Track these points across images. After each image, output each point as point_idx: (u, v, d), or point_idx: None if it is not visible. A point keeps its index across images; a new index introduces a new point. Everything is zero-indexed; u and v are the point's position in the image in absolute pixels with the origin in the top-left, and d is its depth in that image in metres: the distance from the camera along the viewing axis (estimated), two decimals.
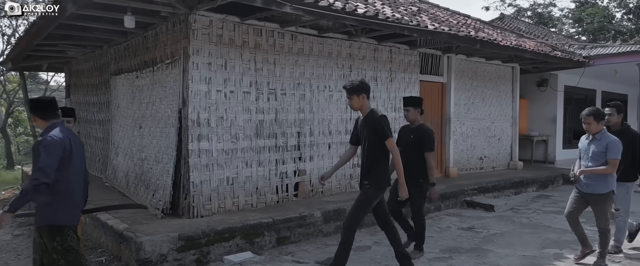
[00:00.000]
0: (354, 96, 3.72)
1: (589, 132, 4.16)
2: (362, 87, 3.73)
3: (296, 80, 6.02)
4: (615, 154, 4.00)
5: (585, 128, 4.16)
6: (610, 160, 4.02)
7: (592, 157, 4.12)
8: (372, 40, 6.89)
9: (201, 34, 5.08)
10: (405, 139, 4.61)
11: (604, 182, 4.07)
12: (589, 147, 4.16)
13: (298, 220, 5.13)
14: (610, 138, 4.07)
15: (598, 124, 4.11)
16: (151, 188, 5.56)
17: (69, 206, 3.06)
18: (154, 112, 5.70)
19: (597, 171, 4.05)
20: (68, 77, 9.96)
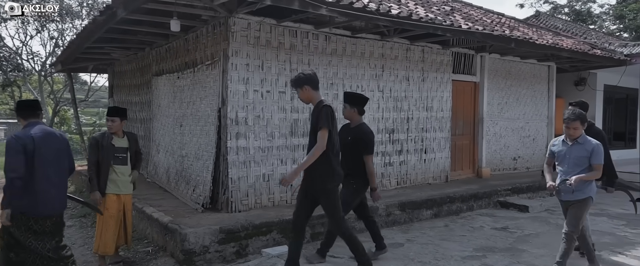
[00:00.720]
0: (298, 89, 3.56)
1: (573, 137, 3.94)
2: (303, 79, 3.53)
3: (329, 80, 6.15)
4: (600, 159, 3.85)
5: (570, 133, 3.93)
6: (595, 166, 3.85)
7: (574, 162, 3.91)
8: (405, 40, 6.94)
9: (240, 36, 5.30)
10: (343, 140, 4.10)
11: (585, 188, 3.89)
12: (571, 152, 3.94)
13: None
14: (594, 142, 3.91)
15: (583, 127, 3.96)
16: (191, 184, 5.84)
17: (24, 197, 3.19)
18: (194, 111, 5.97)
19: (589, 178, 3.83)
20: (111, 77, 10.48)
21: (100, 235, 4.19)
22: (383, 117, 6.79)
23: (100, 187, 4.17)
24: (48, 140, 3.37)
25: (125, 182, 4.28)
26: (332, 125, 3.44)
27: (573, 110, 3.98)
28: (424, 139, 7.35)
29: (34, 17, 13.71)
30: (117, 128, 4.24)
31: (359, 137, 4.09)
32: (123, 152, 4.27)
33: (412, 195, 6.43)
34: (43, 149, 3.31)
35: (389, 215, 5.81)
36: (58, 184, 3.44)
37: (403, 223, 5.93)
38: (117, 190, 4.25)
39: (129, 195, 4.36)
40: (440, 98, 7.56)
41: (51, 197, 3.36)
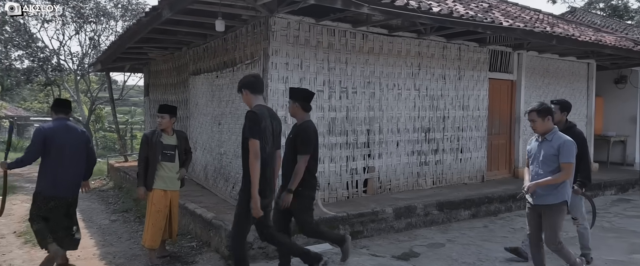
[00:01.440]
0: (239, 93, 3.44)
1: (536, 132, 3.60)
2: (242, 83, 3.38)
3: (366, 79, 6.14)
4: (569, 157, 3.43)
5: (532, 127, 3.62)
6: (564, 165, 3.42)
7: (543, 161, 3.52)
8: (441, 38, 6.85)
9: (280, 36, 5.35)
10: (287, 139, 3.83)
11: (555, 191, 3.48)
12: (539, 149, 3.58)
13: (370, 215, 5.26)
14: (563, 138, 3.48)
15: (544, 121, 3.52)
16: (230, 181, 5.94)
17: (45, 179, 4.00)
18: (233, 110, 6.07)
19: (550, 182, 3.45)
20: (147, 77, 10.77)
21: (148, 228, 4.32)
22: (419, 115, 6.73)
23: (146, 183, 4.30)
24: (66, 134, 4.07)
25: (172, 179, 4.39)
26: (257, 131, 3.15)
27: (538, 102, 3.68)
28: (460, 138, 7.25)
29: (72, 19, 14.22)
30: (166, 125, 4.36)
31: (297, 134, 3.68)
32: (171, 150, 4.39)
33: (449, 194, 6.36)
34: (60, 141, 4.01)
35: (427, 215, 5.76)
36: (70, 172, 4.10)
37: (441, 223, 5.87)
38: (164, 186, 4.36)
39: (176, 191, 4.47)
40: (477, 97, 7.44)
41: (62, 182, 4.05)
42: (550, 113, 3.55)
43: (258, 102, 3.36)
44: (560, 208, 3.52)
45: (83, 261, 4.49)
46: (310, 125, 3.77)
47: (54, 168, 4.00)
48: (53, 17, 13.86)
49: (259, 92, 3.40)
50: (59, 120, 4.14)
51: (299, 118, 3.80)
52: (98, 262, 4.49)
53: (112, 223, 6.10)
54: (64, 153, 4.02)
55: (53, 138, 3.99)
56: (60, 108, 4.21)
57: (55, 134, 4.01)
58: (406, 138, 6.61)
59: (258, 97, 3.38)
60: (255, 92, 3.38)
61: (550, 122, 3.54)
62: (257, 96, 3.37)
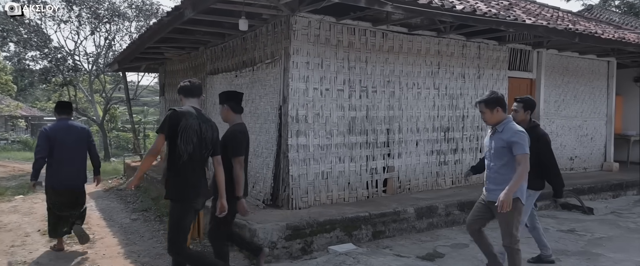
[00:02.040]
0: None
1: (487, 123, 3.45)
2: (178, 88, 3.39)
3: (386, 78, 6.10)
4: (522, 148, 3.19)
5: (483, 120, 3.49)
6: (519, 157, 3.18)
7: (494, 154, 3.35)
8: (461, 37, 6.78)
9: (301, 35, 5.34)
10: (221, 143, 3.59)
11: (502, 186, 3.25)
12: (490, 141, 3.41)
13: (392, 215, 5.22)
14: (513, 128, 3.27)
15: (493, 113, 3.33)
16: (250, 180, 5.94)
17: (52, 174, 4.58)
18: (253, 109, 6.07)
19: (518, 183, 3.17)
20: (162, 77, 10.84)
21: None
22: (438, 115, 6.67)
23: None
24: (67, 133, 4.63)
25: None
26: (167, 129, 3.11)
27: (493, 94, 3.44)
28: (479, 137, 7.17)
29: (88, 20, 14.36)
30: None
31: (225, 140, 3.56)
32: None
33: (469, 194, 6.28)
34: (61, 140, 4.57)
35: (448, 215, 5.70)
36: (75, 166, 4.68)
37: (462, 223, 5.79)
38: None
39: None
40: None
41: (68, 175, 4.63)
42: (499, 104, 3.36)
43: (189, 104, 3.32)
44: (515, 205, 3.26)
45: (108, 260, 4.53)
46: (238, 128, 3.67)
47: (59, 164, 4.59)
48: (69, 18, 14.01)
49: (193, 96, 3.35)
50: (61, 121, 4.75)
51: (231, 121, 3.73)
52: (123, 260, 4.52)
53: (133, 222, 6.14)
54: (66, 150, 4.61)
55: (55, 137, 4.58)
56: (62, 110, 4.81)
57: (56, 134, 4.60)
58: (425, 137, 6.55)
59: (190, 100, 3.34)
60: (187, 96, 3.34)
61: (500, 112, 3.35)
62: (190, 99, 3.34)
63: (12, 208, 7.14)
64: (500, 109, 3.37)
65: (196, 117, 3.22)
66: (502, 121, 3.37)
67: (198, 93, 3.38)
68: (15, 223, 6.09)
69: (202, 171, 3.29)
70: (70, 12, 13.86)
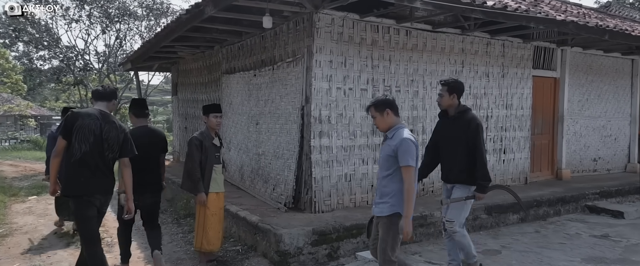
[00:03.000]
0: None
1: (379, 129, 3.13)
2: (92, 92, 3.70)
3: (410, 77, 5.91)
4: (408, 159, 2.85)
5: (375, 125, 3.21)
6: (403, 169, 2.85)
7: (381, 163, 3.02)
8: (485, 35, 6.57)
9: (324, 32, 5.17)
10: None
11: (389, 200, 2.93)
12: (381, 150, 3.12)
13: (419, 220, 5.04)
14: (402, 135, 2.91)
15: (383, 116, 3.00)
16: (270, 183, 5.78)
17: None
18: (273, 109, 5.91)
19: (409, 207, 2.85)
20: (175, 76, 10.71)
21: (203, 232, 4.17)
22: None
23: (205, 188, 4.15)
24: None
25: (221, 180, 4.26)
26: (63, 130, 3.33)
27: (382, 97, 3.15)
28: (503, 139, 6.96)
29: (99, 19, 14.29)
30: (220, 125, 4.23)
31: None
32: (218, 151, 4.27)
33: (495, 197, 6.08)
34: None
35: (475, 219, 5.51)
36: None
37: (490, 228, 5.62)
38: (217, 189, 4.24)
39: (224, 192, 4.34)
40: (520, 95, 7.13)
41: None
42: (389, 107, 3.02)
43: (97, 108, 3.49)
44: (391, 220, 2.94)
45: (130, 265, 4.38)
46: (135, 130, 4.02)
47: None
48: (80, 17, 13.95)
49: (102, 99, 3.52)
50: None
51: (141, 124, 4.13)
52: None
53: None
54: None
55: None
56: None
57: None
58: None
59: (98, 103, 3.52)
60: (97, 99, 3.54)
61: (391, 116, 3.02)
62: (98, 102, 3.52)
63: (27, 209, 7.05)
64: (390, 112, 3.03)
65: (97, 118, 3.35)
66: (393, 126, 3.03)
67: (108, 97, 3.53)
68: (30, 225, 5.98)
69: (101, 169, 3.36)
70: (81, 10, 13.79)
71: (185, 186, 4.26)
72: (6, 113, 23.37)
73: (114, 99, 3.59)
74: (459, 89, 3.70)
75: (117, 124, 3.47)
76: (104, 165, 3.37)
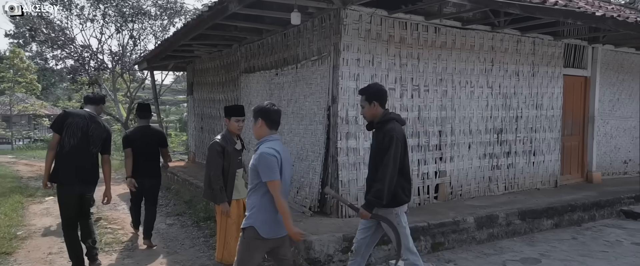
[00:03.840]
0: None
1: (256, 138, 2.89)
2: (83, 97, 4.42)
3: (438, 76, 5.68)
4: (269, 174, 2.65)
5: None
6: (268, 184, 2.67)
7: (250, 177, 2.81)
8: (516, 32, 6.31)
9: (351, 29, 4.96)
10: None
11: (247, 213, 2.79)
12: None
13: (452, 225, 4.81)
14: (259, 151, 2.73)
15: (257, 126, 2.82)
16: (294, 186, 5.59)
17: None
18: (296, 110, 5.72)
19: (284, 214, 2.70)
20: (190, 75, 10.58)
21: (223, 242, 3.97)
22: (491, 115, 6.22)
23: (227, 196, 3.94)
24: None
25: (242, 185, 4.05)
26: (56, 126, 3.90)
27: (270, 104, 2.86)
28: (532, 140, 6.69)
29: (114, 18, 14.25)
30: (240, 128, 4.03)
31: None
32: (239, 155, 4.06)
33: (527, 202, 5.84)
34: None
35: (508, 225, 5.26)
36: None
37: (523, 234, 5.36)
38: (237, 195, 4.02)
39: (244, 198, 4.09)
40: (551, 95, 6.85)
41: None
42: (260, 116, 2.82)
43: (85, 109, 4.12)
44: (244, 234, 2.77)
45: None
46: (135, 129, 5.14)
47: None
48: (95, 16, 13.90)
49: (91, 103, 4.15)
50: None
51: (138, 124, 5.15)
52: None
53: (169, 228, 5.85)
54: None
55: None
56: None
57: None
58: (478, 140, 6.11)
59: (88, 105, 4.15)
60: (87, 103, 4.19)
61: (263, 128, 2.82)
62: (88, 105, 4.15)
63: (44, 211, 6.95)
64: (262, 123, 2.81)
65: (85, 118, 3.95)
66: (263, 137, 2.82)
67: (97, 102, 4.19)
68: (49, 228, 5.86)
69: (85, 162, 3.92)
70: (96, 10, 13.75)
71: (207, 195, 4.07)
72: (21, 112, 23.54)
73: (102, 103, 4.26)
74: (378, 95, 3.21)
75: (102, 124, 4.06)
76: (89, 158, 3.95)
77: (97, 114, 4.12)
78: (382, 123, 3.16)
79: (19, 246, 4.99)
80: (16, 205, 7.17)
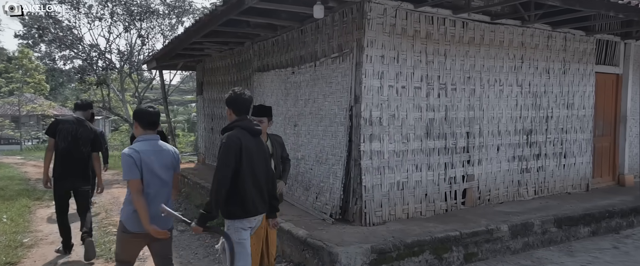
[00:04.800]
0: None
1: None
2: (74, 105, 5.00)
3: (466, 74, 5.33)
4: (125, 173, 2.84)
5: None
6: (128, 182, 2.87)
7: None
8: (546, 26, 5.94)
9: (375, 24, 4.63)
10: None
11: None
12: None
13: (485, 234, 4.47)
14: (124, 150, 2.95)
15: (134, 126, 3.07)
16: (312, 190, 5.28)
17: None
18: (314, 110, 5.40)
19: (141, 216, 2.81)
20: (200, 74, 10.31)
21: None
22: (521, 115, 5.86)
23: None
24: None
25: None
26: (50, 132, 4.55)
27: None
28: (563, 141, 6.31)
29: (123, 17, 14.03)
30: (265, 130, 3.70)
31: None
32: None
33: (561, 207, 5.47)
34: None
35: (544, 233, 4.90)
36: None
37: (560, 242, 5.00)
38: None
39: None
40: (582, 94, 6.47)
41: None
42: (135, 119, 3.01)
43: (75, 115, 4.69)
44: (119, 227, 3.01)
45: None
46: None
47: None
48: (103, 15, 13.69)
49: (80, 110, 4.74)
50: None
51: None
52: None
53: (181, 235, 5.56)
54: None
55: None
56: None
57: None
58: (507, 141, 5.75)
59: (77, 112, 4.73)
60: (76, 109, 4.79)
61: (136, 128, 3.01)
62: (77, 112, 4.74)
63: (52, 215, 6.69)
64: (137, 125, 2.99)
65: (73, 123, 4.55)
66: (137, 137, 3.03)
67: (84, 108, 4.77)
68: (56, 234, 5.58)
69: (76, 160, 4.52)
70: (104, 8, 13.54)
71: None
72: (29, 113, 23.49)
73: (90, 109, 4.83)
74: (233, 102, 3.01)
75: (89, 127, 4.67)
76: (79, 156, 4.53)
77: (86, 118, 4.69)
78: (225, 130, 2.95)
79: (24, 255, 4.72)
80: (23, 209, 6.93)
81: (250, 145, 2.88)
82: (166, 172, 2.93)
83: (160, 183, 2.90)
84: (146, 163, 2.84)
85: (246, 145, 2.85)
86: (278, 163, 3.73)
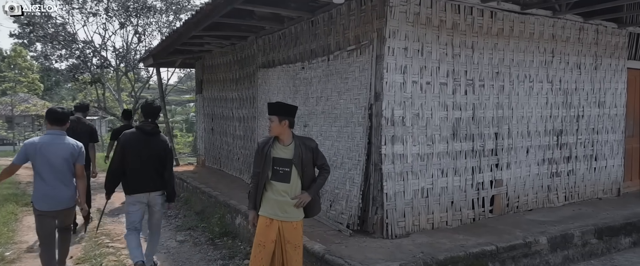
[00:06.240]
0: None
1: None
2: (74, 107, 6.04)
3: (495, 69, 4.85)
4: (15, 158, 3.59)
5: None
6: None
7: None
8: (578, 17, 5.46)
9: (398, 12, 4.14)
10: None
11: None
12: None
13: (523, 248, 3.98)
14: None
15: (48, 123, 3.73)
16: (326, 198, 4.77)
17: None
18: (327, 109, 4.91)
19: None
20: (200, 72, 9.79)
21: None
22: (551, 114, 5.38)
23: (257, 205, 3.18)
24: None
25: (284, 205, 3.18)
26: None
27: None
28: (594, 142, 5.84)
29: (117, 13, 13.49)
30: (276, 131, 3.17)
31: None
32: (286, 165, 3.16)
33: (598, 215, 4.99)
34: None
35: (584, 245, 4.42)
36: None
37: (601, 255, 4.52)
38: (271, 213, 3.17)
39: (291, 222, 3.18)
40: (614, 91, 6.00)
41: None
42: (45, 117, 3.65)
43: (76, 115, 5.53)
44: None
45: None
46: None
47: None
48: (97, 11, 13.15)
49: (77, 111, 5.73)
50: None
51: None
52: None
53: (180, 245, 5.06)
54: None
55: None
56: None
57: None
58: (536, 143, 5.27)
59: (77, 113, 5.68)
60: (76, 111, 5.77)
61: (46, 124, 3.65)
62: (77, 112, 5.70)
63: None
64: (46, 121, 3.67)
65: (74, 121, 5.09)
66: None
67: (83, 110, 5.91)
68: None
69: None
70: (99, 4, 13.00)
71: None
72: (23, 113, 22.89)
73: (88, 110, 5.96)
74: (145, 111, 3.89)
75: (87, 123, 5.63)
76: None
77: (84, 117, 5.73)
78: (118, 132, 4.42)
79: None
80: (8, 217, 6.41)
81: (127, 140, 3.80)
82: (62, 161, 3.51)
83: (53, 170, 3.48)
84: (42, 152, 3.45)
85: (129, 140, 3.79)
86: (301, 170, 3.17)
